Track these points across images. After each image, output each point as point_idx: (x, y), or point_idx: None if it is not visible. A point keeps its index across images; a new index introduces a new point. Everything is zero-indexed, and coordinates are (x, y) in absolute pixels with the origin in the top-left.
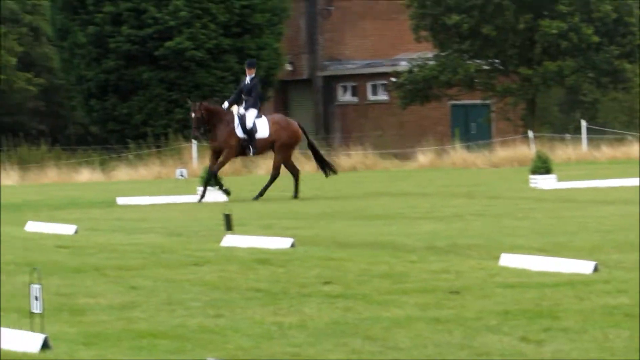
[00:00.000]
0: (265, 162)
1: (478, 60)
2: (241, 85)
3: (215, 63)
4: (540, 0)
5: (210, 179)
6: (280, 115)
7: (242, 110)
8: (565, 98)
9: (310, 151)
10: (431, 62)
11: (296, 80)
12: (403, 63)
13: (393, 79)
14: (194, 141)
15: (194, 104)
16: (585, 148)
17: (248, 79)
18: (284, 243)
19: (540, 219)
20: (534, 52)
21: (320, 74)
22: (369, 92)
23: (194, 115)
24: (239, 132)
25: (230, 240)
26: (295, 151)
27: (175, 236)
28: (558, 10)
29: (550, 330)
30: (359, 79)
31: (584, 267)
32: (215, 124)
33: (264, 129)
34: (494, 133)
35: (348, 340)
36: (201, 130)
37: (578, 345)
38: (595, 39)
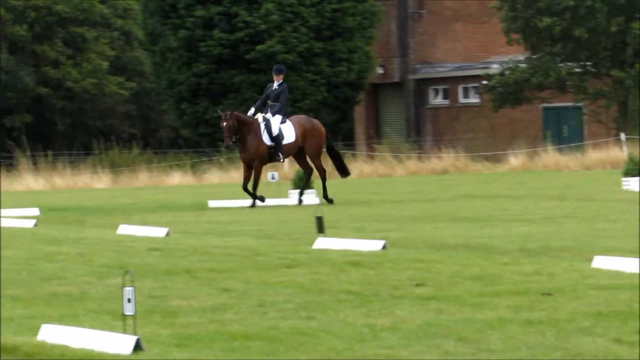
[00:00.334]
0: (357, 165)
1: (570, 63)
2: (267, 91)
3: (306, 66)
4: (632, 3)
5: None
6: (303, 117)
7: (268, 115)
8: None
9: (328, 152)
10: (523, 65)
11: (387, 83)
12: (494, 66)
13: (484, 82)
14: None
15: (225, 113)
16: None
17: (276, 85)
18: (376, 245)
19: (632, 221)
20: (626, 55)
21: (411, 77)
22: (460, 95)
23: (226, 124)
24: (266, 140)
25: (322, 242)
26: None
27: (267, 239)
28: None
29: None
30: (450, 82)
31: None
32: (245, 134)
33: (290, 133)
34: (586, 135)
35: (440, 342)
36: (233, 139)
37: None
38: None
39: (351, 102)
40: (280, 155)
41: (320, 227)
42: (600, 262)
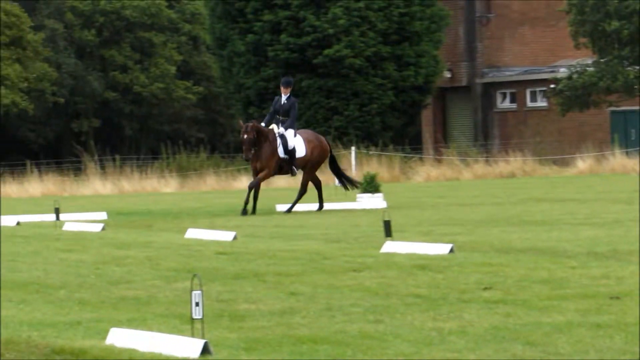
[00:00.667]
0: (424, 169)
1: (638, 67)
2: (275, 106)
3: (373, 70)
4: None
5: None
6: (310, 132)
7: (282, 129)
8: None
9: (330, 166)
10: (590, 69)
11: (455, 87)
12: (562, 70)
13: (552, 86)
14: (352, 149)
15: (246, 125)
16: None
17: (284, 98)
18: (443, 249)
19: None
20: None
21: (479, 80)
22: (528, 99)
23: (247, 137)
24: (281, 152)
25: (390, 246)
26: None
27: (334, 242)
28: None
29: None
30: (517, 86)
31: None
32: (261, 143)
33: (301, 148)
34: None
35: (508, 345)
36: (252, 151)
37: None
38: None
39: (419, 106)
40: (294, 169)
41: (388, 231)
42: None
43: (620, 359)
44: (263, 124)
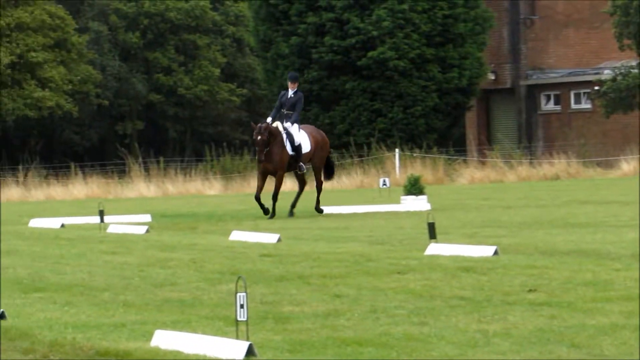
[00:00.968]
0: (468, 171)
1: None
2: (282, 99)
3: (417, 72)
4: None
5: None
6: (313, 128)
7: (288, 124)
8: None
9: (326, 164)
10: (635, 71)
11: (499, 89)
12: (606, 71)
13: (596, 88)
14: (396, 151)
15: (259, 127)
16: None
17: (291, 93)
18: (487, 251)
19: None
20: None
21: (523, 83)
22: (572, 101)
23: (260, 138)
24: (289, 149)
25: (434, 248)
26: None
27: (379, 244)
28: None
29: None
30: (562, 88)
31: None
32: (272, 144)
33: (306, 143)
34: None
35: (553, 348)
36: (265, 151)
37: None
38: None
39: (463, 108)
40: (302, 165)
41: (432, 233)
42: None
43: None
44: (270, 119)
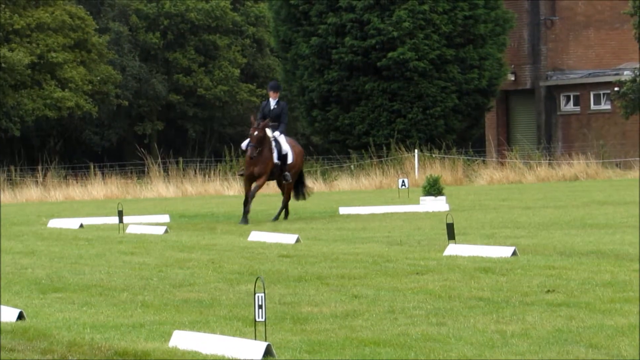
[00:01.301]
0: (487, 172)
1: None
2: (264, 110)
3: (437, 73)
4: None
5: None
6: (290, 139)
7: (277, 133)
8: None
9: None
10: None
11: (518, 90)
12: (626, 72)
13: (616, 89)
14: (415, 152)
15: (258, 122)
16: None
17: (273, 103)
18: (506, 252)
19: None
20: None
21: (542, 83)
22: (592, 102)
23: (257, 134)
24: (275, 158)
25: (453, 249)
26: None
27: (397, 245)
28: None
29: None
30: (581, 89)
31: None
32: (263, 147)
33: (290, 154)
34: None
35: (571, 348)
36: (257, 150)
37: None
38: None
39: (482, 109)
40: (288, 175)
41: (451, 234)
42: None
43: None
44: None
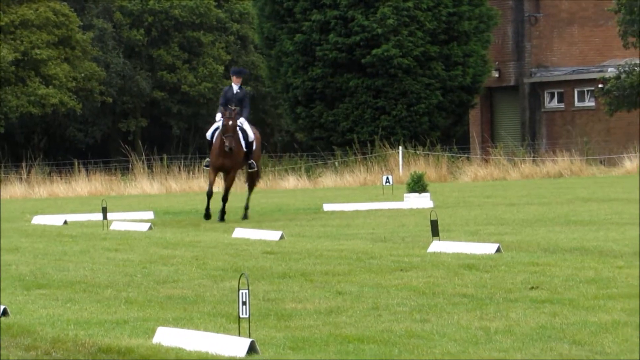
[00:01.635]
0: (471, 169)
1: None
2: (227, 95)
3: (422, 70)
4: None
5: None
6: (253, 126)
7: (242, 119)
8: None
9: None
10: (638, 69)
11: (503, 87)
12: (610, 69)
13: (600, 86)
14: (400, 149)
15: (230, 111)
16: None
17: (236, 88)
18: (490, 248)
19: None
20: None
21: (527, 80)
22: (576, 99)
23: (232, 123)
24: (243, 146)
25: (437, 245)
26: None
27: (381, 242)
28: None
29: None
30: (565, 86)
31: None
32: (237, 138)
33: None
34: None
35: (555, 345)
36: (235, 140)
37: None
38: None
39: (466, 106)
40: (253, 163)
41: (435, 231)
42: None
43: None
44: (219, 115)
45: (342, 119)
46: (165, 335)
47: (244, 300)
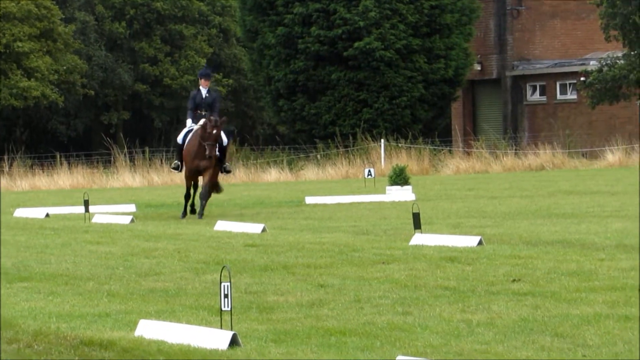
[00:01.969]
0: (453, 161)
1: None
2: (196, 100)
3: (404, 63)
4: None
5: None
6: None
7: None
8: None
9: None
10: (621, 62)
11: (485, 80)
12: (592, 62)
13: (582, 79)
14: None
15: (215, 120)
16: None
17: (204, 91)
18: (472, 241)
19: None
20: None
21: (509, 73)
22: (558, 92)
23: (216, 132)
24: (216, 150)
25: (419, 238)
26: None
27: (363, 235)
28: None
29: None
30: (547, 79)
31: None
32: (216, 146)
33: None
34: None
35: (537, 337)
36: (216, 149)
37: None
38: None
39: (448, 99)
40: (228, 165)
41: (417, 223)
42: None
43: None
44: (189, 120)
45: (324, 112)
46: (147, 328)
47: (226, 293)
